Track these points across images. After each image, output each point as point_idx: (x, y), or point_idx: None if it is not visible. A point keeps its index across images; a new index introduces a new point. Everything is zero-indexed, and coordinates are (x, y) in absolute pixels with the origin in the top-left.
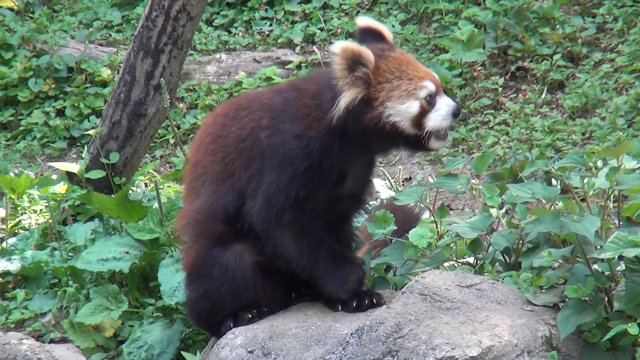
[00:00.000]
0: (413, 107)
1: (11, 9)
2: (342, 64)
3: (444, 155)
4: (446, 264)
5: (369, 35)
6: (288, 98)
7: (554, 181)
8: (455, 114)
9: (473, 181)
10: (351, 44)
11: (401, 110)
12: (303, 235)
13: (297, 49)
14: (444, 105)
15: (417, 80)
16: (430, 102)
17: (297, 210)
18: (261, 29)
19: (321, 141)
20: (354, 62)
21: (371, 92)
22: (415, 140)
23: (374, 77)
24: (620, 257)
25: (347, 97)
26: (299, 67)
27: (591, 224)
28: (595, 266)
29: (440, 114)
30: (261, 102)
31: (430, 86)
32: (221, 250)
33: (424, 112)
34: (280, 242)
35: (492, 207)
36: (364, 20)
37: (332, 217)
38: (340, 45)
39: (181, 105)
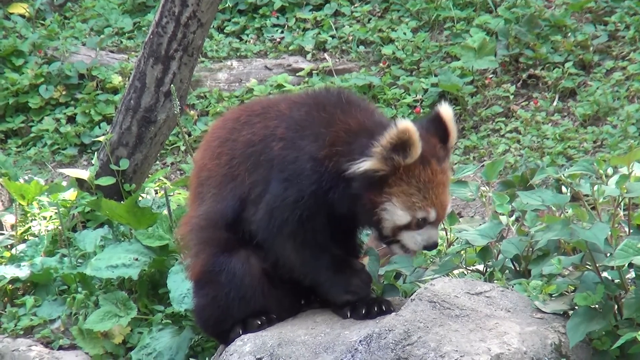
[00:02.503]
0: (404, 219)
1: (22, 16)
2: (392, 139)
3: (455, 163)
4: (456, 272)
5: (437, 126)
6: (313, 115)
7: (564, 189)
8: (427, 248)
9: (483, 188)
10: (415, 131)
11: (394, 214)
12: (305, 245)
13: (309, 56)
14: (427, 235)
15: (428, 204)
16: (419, 224)
17: (300, 226)
18: (272, 36)
19: (333, 177)
20: (402, 146)
21: (391, 178)
22: (383, 237)
23: (403, 170)
24: (630, 265)
25: (371, 165)
26: (310, 74)
27: (601, 232)
28: (605, 274)
29: (417, 239)
30: (278, 111)
31: (431, 215)
32: (228, 256)
33: (407, 228)
34: (282, 251)
35: (502, 214)
36: (447, 111)
37: (338, 231)
38: (405, 125)
39: (192, 112)
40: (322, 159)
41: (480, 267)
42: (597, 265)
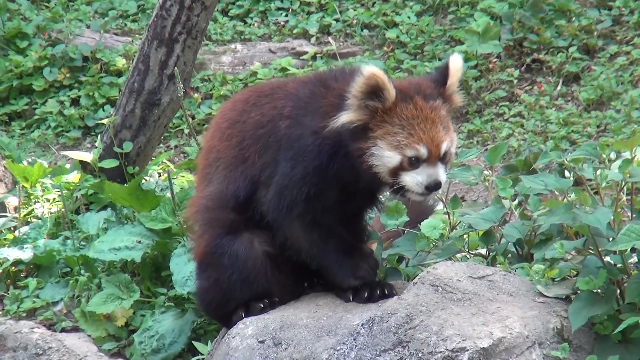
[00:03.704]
0: (394, 159)
1: None
2: (362, 87)
3: (459, 147)
4: (458, 255)
5: (442, 71)
6: (315, 92)
7: (567, 173)
8: (429, 188)
9: (486, 172)
10: (381, 74)
11: (383, 157)
12: (314, 226)
13: (313, 39)
14: (426, 175)
15: (414, 140)
16: (413, 163)
17: (309, 204)
18: (277, 19)
19: (332, 143)
20: (373, 91)
21: (372, 123)
22: (393, 186)
23: (382, 113)
24: (633, 250)
25: (347, 117)
26: (314, 57)
27: (604, 216)
28: (608, 258)
29: (416, 179)
30: (286, 91)
31: (421, 151)
32: (231, 238)
33: (402, 169)
34: (290, 232)
35: (505, 198)
36: (455, 59)
37: (345, 212)
38: (370, 70)
39: (196, 95)
40: (320, 130)
41: (483, 251)
42: (600, 249)
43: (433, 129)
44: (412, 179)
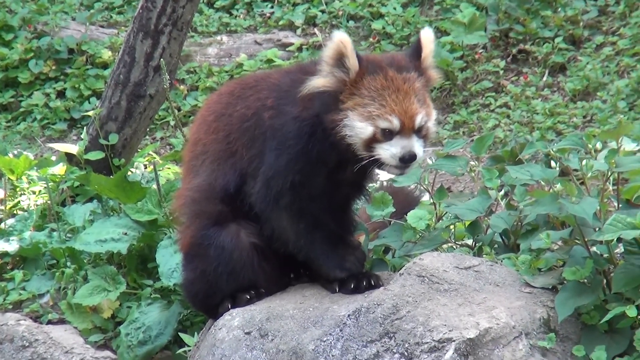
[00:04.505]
0: (366, 131)
1: None
2: (329, 52)
3: (444, 138)
4: (445, 246)
5: (415, 45)
6: (295, 80)
7: (553, 163)
8: (404, 160)
9: (472, 163)
10: (347, 43)
11: (355, 128)
12: (301, 217)
13: (299, 31)
14: (399, 146)
15: (386, 111)
16: (385, 135)
17: (295, 193)
18: (262, 11)
19: (310, 124)
20: (338, 59)
21: (343, 95)
22: (368, 159)
23: (351, 84)
24: (619, 240)
25: (317, 82)
26: (300, 49)
27: (590, 206)
28: (594, 248)
29: (390, 151)
30: (269, 82)
31: (394, 122)
32: (218, 230)
33: (375, 140)
34: (278, 223)
35: (491, 189)
36: (426, 32)
37: (332, 202)
38: (339, 37)
39: (182, 87)
40: (299, 114)
41: (469, 241)
42: (586, 239)
43: (406, 101)
44: (386, 151)
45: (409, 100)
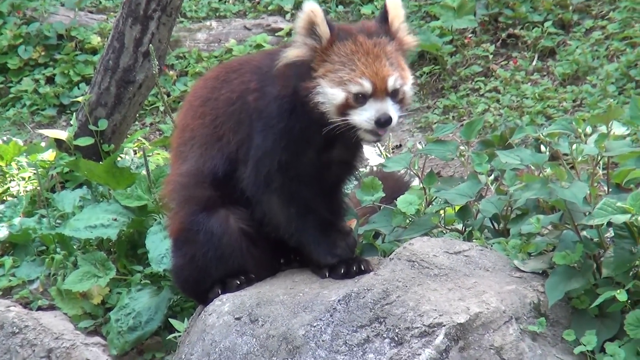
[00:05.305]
0: (338, 96)
1: None
2: (301, 22)
3: (434, 123)
4: (434, 231)
5: (383, 12)
6: (275, 60)
7: (543, 148)
8: (379, 123)
9: (462, 148)
10: (317, 11)
11: (327, 94)
12: (292, 201)
13: (288, 16)
14: (373, 109)
15: (357, 75)
16: (358, 100)
17: (284, 175)
18: None
19: (289, 101)
20: (311, 27)
21: (314, 63)
22: (344, 127)
23: (322, 52)
24: (609, 224)
25: (291, 53)
26: (289, 34)
27: (580, 191)
28: (584, 233)
29: (364, 115)
30: (252, 65)
31: (365, 86)
32: (207, 215)
33: (348, 106)
34: (269, 207)
35: (481, 173)
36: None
37: (323, 184)
38: (308, 7)
39: (171, 72)
40: (279, 92)
41: (459, 226)
42: (576, 224)
43: (377, 63)
44: (360, 116)
45: (380, 62)
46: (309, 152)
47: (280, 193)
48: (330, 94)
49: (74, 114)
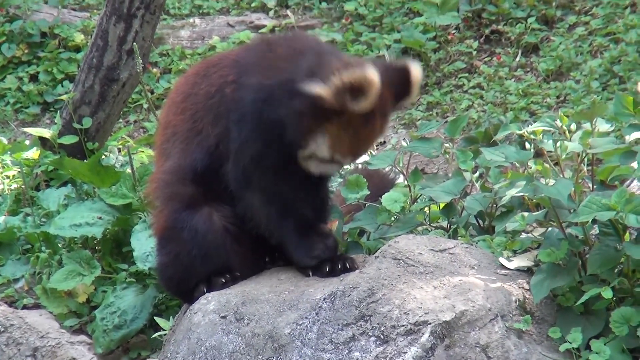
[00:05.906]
0: (324, 154)
1: None
2: (353, 79)
3: (418, 119)
4: (420, 229)
5: (401, 82)
6: (258, 54)
7: (527, 145)
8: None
9: (446, 145)
10: (377, 87)
11: (319, 148)
12: (272, 201)
13: (271, 13)
14: (326, 168)
15: (350, 152)
16: (329, 162)
17: (256, 167)
18: None
19: (267, 90)
20: (357, 91)
21: (334, 116)
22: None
23: (348, 115)
24: (594, 221)
25: (322, 92)
26: (272, 31)
27: (564, 188)
28: (569, 230)
29: (320, 168)
30: (230, 59)
31: (346, 162)
32: (190, 213)
33: (319, 159)
34: (251, 204)
35: (466, 170)
36: (416, 71)
37: (304, 179)
38: (373, 76)
39: (155, 70)
40: (259, 81)
41: (444, 223)
42: (561, 221)
43: (367, 146)
44: (316, 167)
45: (371, 145)
46: (281, 144)
47: (261, 190)
48: (322, 150)
49: (58, 112)
